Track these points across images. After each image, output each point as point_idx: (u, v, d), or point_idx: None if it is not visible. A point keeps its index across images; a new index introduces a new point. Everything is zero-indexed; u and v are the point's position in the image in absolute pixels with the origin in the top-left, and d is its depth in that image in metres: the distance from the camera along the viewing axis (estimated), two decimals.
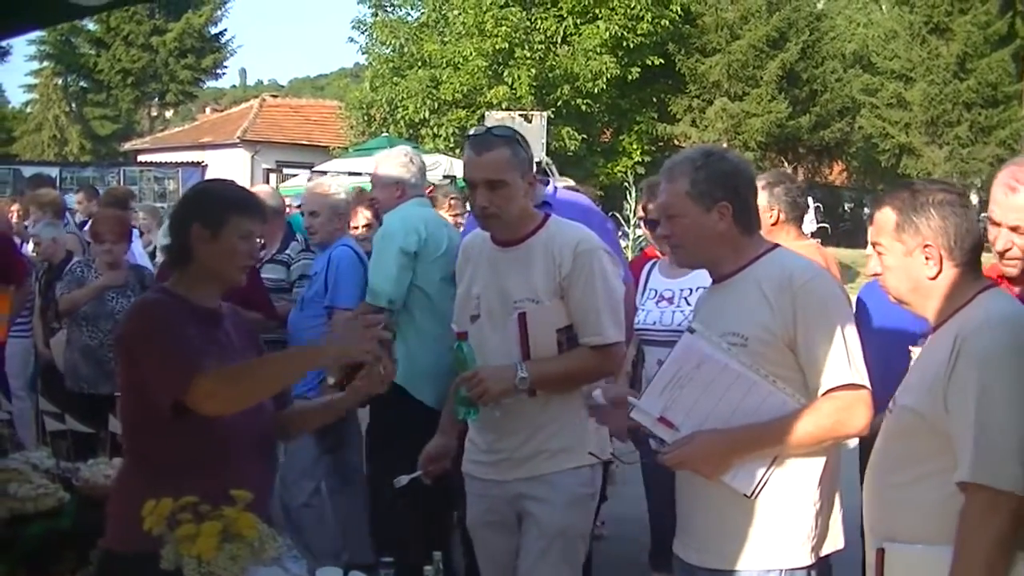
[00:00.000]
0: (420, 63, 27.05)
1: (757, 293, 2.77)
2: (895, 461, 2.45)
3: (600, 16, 26.44)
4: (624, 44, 26.55)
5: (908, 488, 2.40)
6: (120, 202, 8.58)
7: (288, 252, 5.97)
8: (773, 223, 4.47)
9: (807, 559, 2.79)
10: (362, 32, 28.63)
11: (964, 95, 30.88)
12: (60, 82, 43.80)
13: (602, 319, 3.33)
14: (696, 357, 2.77)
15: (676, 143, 28.32)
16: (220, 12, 42.66)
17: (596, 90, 26.25)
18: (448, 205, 6.50)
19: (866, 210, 32.33)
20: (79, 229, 8.33)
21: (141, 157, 29.52)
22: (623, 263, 4.28)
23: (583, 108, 26.48)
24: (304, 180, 15.93)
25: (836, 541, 3.05)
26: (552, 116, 23.21)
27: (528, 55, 25.60)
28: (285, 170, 28.06)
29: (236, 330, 2.93)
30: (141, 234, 8.82)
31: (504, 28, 25.40)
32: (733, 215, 2.83)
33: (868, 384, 2.72)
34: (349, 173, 14.33)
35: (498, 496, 3.45)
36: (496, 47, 25.42)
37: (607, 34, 26.15)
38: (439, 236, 4.88)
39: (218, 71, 44.50)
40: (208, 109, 44.66)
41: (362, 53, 29.30)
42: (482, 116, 22.51)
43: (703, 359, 2.75)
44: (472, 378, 3.27)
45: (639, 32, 26.53)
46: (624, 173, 25.62)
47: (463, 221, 6.05)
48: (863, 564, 2.58)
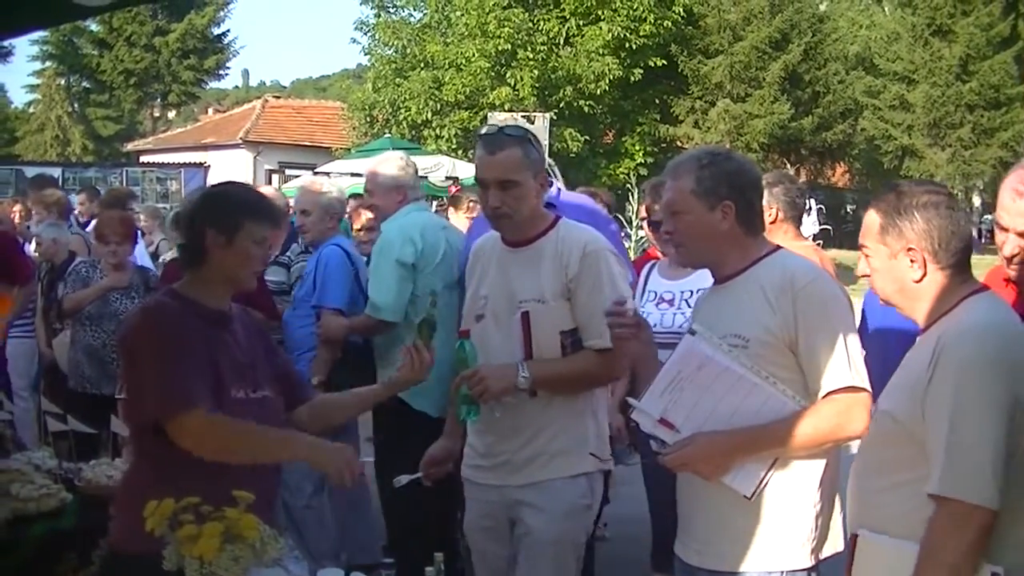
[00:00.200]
0: (423, 64, 27.04)
1: (759, 295, 2.78)
2: (875, 465, 2.44)
3: (603, 17, 26.42)
4: (627, 45, 26.52)
5: (886, 493, 2.39)
6: (119, 202, 8.57)
7: (288, 254, 5.97)
8: (771, 222, 4.50)
9: (807, 560, 2.79)
10: (365, 33, 28.66)
11: (966, 97, 30.92)
12: (63, 82, 43.86)
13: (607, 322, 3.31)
14: (697, 359, 2.76)
15: (679, 144, 28.29)
16: (223, 13, 42.71)
17: (599, 91, 26.22)
18: (467, 207, 6.50)
19: None
20: (82, 230, 8.34)
21: (144, 158, 29.54)
22: (629, 266, 4.27)
23: (585, 109, 26.45)
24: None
25: (836, 543, 3.04)
26: (554, 117, 23.19)
27: (531, 56, 25.59)
28: (287, 171, 28.13)
29: (245, 330, 2.93)
30: (143, 234, 8.81)
31: (507, 29, 25.39)
32: (736, 215, 2.84)
33: (868, 387, 2.72)
34: (351, 174, 14.34)
35: (495, 502, 3.42)
36: (499, 48, 25.41)
37: (610, 35, 26.13)
38: (436, 242, 4.86)
39: (220, 72, 44.52)
40: (211, 110, 44.80)
41: (365, 54, 29.37)
42: (485, 117, 22.54)
43: (704, 361, 2.75)
44: (473, 376, 3.25)
45: (642, 33, 26.50)
46: (626, 174, 25.68)
47: None
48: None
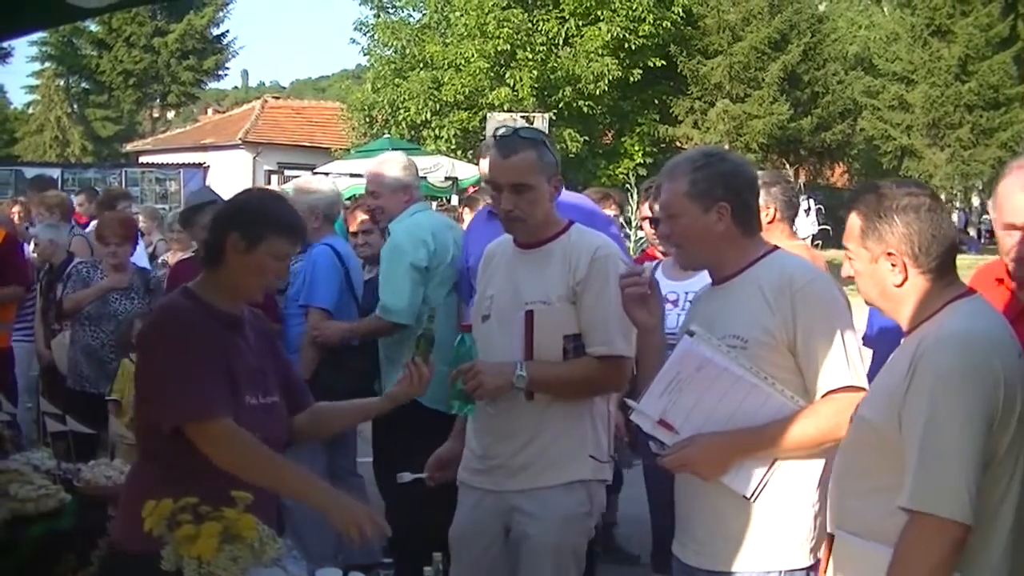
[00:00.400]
0: (422, 65, 27.07)
1: (757, 295, 2.77)
2: (853, 469, 2.43)
3: (602, 18, 26.44)
4: (626, 46, 26.55)
5: (863, 497, 2.38)
6: (111, 202, 8.57)
7: None
8: (769, 221, 4.51)
9: (806, 560, 2.78)
10: (364, 33, 28.71)
11: (965, 97, 30.94)
12: (62, 83, 43.88)
13: (611, 329, 3.23)
14: (696, 360, 2.76)
15: (678, 145, 28.29)
16: (222, 13, 42.76)
17: (598, 92, 26.25)
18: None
19: None
20: (82, 231, 8.34)
21: (143, 158, 29.59)
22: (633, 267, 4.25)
23: (585, 110, 26.48)
24: None
25: None
26: (554, 118, 23.22)
27: (530, 57, 25.61)
28: (287, 172, 28.04)
29: (256, 335, 2.93)
30: (142, 235, 8.81)
31: (506, 30, 25.41)
32: (732, 216, 2.83)
33: (867, 386, 2.71)
34: (351, 175, 14.34)
35: (490, 507, 3.37)
36: (498, 49, 25.44)
37: (609, 36, 26.16)
38: (446, 243, 4.82)
39: (220, 72, 44.56)
40: (210, 110, 44.80)
41: (364, 55, 29.43)
42: (484, 118, 22.52)
43: (703, 362, 2.74)
44: (469, 371, 3.21)
45: (641, 34, 26.53)
46: (626, 175, 25.64)
47: None
48: None
